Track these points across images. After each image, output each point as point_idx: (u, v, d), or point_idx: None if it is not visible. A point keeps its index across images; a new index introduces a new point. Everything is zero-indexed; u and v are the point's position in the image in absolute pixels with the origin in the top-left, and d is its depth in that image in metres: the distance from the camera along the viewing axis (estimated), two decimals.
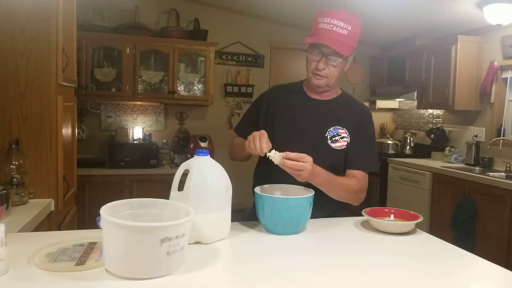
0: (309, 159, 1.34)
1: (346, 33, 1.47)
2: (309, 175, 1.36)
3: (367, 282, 1.03)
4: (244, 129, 1.69)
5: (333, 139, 1.59)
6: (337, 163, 1.58)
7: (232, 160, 1.76)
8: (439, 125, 4.51)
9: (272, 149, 1.40)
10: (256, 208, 1.41)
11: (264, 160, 1.67)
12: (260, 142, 1.40)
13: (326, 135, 1.60)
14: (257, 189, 1.41)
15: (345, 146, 1.59)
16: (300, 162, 1.32)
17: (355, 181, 1.56)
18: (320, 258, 1.18)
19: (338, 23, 1.46)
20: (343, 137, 1.60)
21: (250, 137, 1.44)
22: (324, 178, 1.44)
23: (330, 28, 1.47)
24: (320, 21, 1.49)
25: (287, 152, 1.34)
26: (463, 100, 3.92)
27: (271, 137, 1.47)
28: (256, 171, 1.74)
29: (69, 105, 2.22)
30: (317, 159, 1.38)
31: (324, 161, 1.47)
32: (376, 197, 4.34)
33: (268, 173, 1.55)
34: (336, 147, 1.59)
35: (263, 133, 1.43)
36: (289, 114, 1.64)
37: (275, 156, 1.37)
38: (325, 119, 1.61)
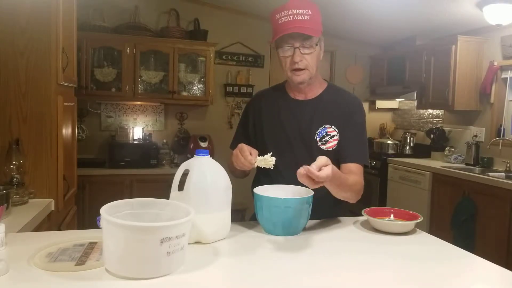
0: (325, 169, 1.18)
1: (309, 18, 1.41)
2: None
3: (367, 283, 1.03)
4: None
5: (323, 140, 1.54)
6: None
7: (236, 178, 1.60)
8: (439, 125, 4.51)
9: (258, 155, 1.37)
10: (255, 209, 1.40)
11: (263, 175, 1.60)
12: (244, 157, 1.35)
13: (315, 137, 1.53)
14: (256, 190, 1.39)
15: (336, 146, 1.53)
16: (318, 174, 1.16)
17: (358, 179, 1.49)
18: (319, 258, 1.18)
19: (296, 11, 1.41)
20: (332, 136, 1.54)
21: (233, 159, 1.40)
22: (336, 180, 1.31)
23: (292, 19, 1.41)
24: (278, 17, 1.44)
25: (306, 167, 1.16)
26: (463, 100, 3.92)
27: (263, 147, 1.43)
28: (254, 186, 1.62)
29: (69, 105, 2.22)
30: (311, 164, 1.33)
31: None
32: (376, 197, 4.34)
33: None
34: (327, 148, 1.53)
35: (241, 147, 1.38)
36: (276, 121, 1.59)
37: (265, 161, 1.34)
38: (311, 120, 1.55)
